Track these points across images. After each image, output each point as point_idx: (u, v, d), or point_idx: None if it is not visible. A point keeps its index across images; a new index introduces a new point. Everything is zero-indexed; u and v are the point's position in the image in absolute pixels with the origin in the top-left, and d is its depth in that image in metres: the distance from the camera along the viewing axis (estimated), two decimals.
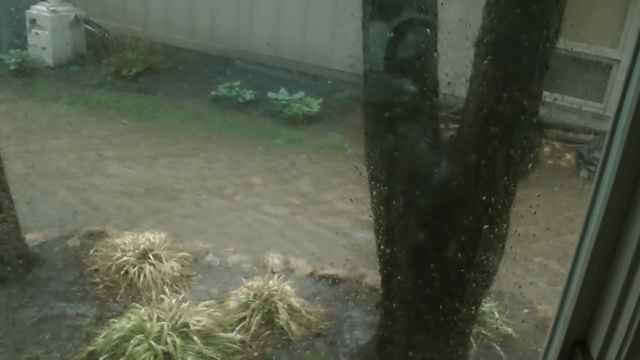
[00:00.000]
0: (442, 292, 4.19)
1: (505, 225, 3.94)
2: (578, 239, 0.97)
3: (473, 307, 4.29)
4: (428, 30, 3.99)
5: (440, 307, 4.22)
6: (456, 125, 3.91)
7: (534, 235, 5.64)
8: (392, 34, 3.98)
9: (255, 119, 9.21)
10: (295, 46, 10.64)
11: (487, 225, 3.81)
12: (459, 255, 3.95)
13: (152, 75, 10.51)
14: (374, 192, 4.31)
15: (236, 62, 10.96)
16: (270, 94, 9.40)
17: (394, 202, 4.21)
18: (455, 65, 3.84)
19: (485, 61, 3.44)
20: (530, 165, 3.82)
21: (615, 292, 0.88)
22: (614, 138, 0.90)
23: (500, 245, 4.01)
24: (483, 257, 3.92)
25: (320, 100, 9.25)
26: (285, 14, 10.59)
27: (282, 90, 9.40)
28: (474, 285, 4.09)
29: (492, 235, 3.86)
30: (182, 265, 5.72)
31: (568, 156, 8.93)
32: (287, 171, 7.98)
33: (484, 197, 3.76)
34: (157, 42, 10.91)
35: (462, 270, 4.01)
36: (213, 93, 9.61)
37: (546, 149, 8.56)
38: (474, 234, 3.88)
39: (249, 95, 9.55)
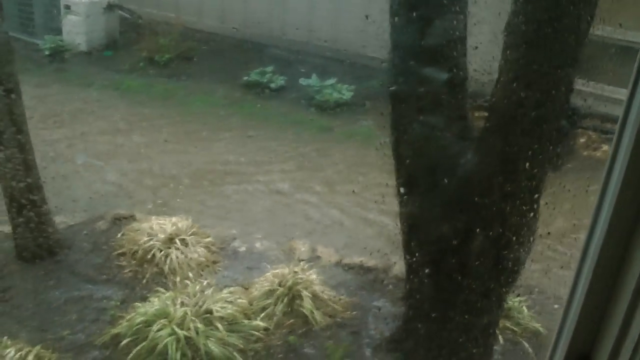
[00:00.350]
0: (466, 285, 4.10)
1: (533, 218, 3.83)
2: (582, 248, 0.92)
3: (499, 301, 4.19)
4: (458, 16, 3.89)
5: (465, 300, 4.13)
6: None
7: (566, 228, 5.50)
8: (420, 21, 3.89)
9: (286, 105, 9.16)
10: (328, 32, 10.54)
11: (514, 218, 3.70)
12: (485, 248, 3.85)
13: (184, 61, 10.51)
14: (399, 182, 4.23)
15: (269, 48, 10.90)
16: (302, 81, 9.33)
17: (418, 193, 4.13)
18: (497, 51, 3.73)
19: (514, 49, 3.33)
20: (563, 156, 3.70)
21: (622, 305, 0.83)
22: (622, 140, 0.84)
23: (528, 238, 3.90)
24: (509, 251, 3.82)
25: (352, 87, 9.15)
26: (319, 0, 10.50)
27: (314, 76, 9.33)
28: (500, 278, 3.99)
29: (519, 228, 3.76)
30: (208, 251, 5.72)
31: (604, 147, 8.69)
32: (317, 158, 7.91)
33: (511, 189, 3.65)
34: (190, 27, 10.91)
35: (487, 264, 3.92)
36: (245, 79, 9.58)
37: (581, 140, 8.34)
38: (500, 227, 3.78)
39: (280, 81, 9.49)
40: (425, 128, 4.03)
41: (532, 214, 3.75)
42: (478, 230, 3.87)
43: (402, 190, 4.25)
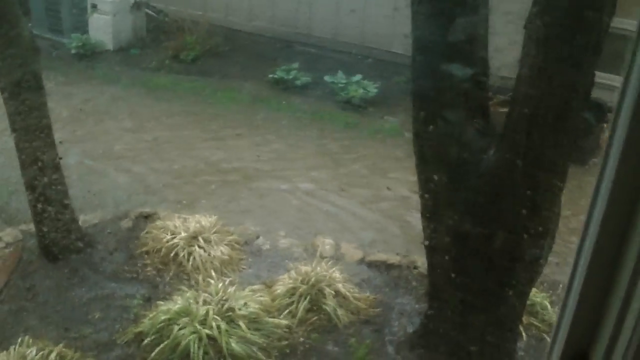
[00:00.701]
0: (488, 281, 4.04)
1: (555, 213, 3.76)
2: (578, 244, 0.90)
3: (521, 297, 4.12)
4: (479, 12, 3.84)
5: (487, 296, 4.07)
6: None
7: None
8: (440, 16, 3.84)
9: (312, 102, 9.11)
10: (355, 29, 10.47)
11: (537, 213, 3.63)
12: (506, 243, 3.79)
13: (210, 58, 10.52)
14: (422, 179, 4.18)
15: (295, 45, 10.87)
16: (327, 77, 9.27)
17: (440, 189, 4.09)
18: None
19: (535, 43, 3.26)
20: (589, 150, 3.62)
21: (617, 303, 0.82)
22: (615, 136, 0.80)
23: (551, 233, 3.83)
24: (531, 246, 3.75)
25: (378, 84, 9.07)
26: None
27: (340, 73, 9.26)
28: (522, 274, 3.93)
29: (540, 224, 3.69)
30: (232, 249, 5.71)
31: (607, 135, 8.52)
32: (342, 155, 7.86)
33: (532, 185, 3.59)
34: (216, 24, 10.91)
35: (509, 260, 3.86)
36: (270, 76, 9.55)
37: (607, 134, 8.18)
38: (521, 222, 3.72)
39: (306, 78, 9.45)
40: (446, 124, 3.99)
41: (554, 209, 3.68)
42: (500, 226, 3.81)
43: (423, 186, 4.21)
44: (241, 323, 4.62)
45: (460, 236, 4.06)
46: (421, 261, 5.59)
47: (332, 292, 5.12)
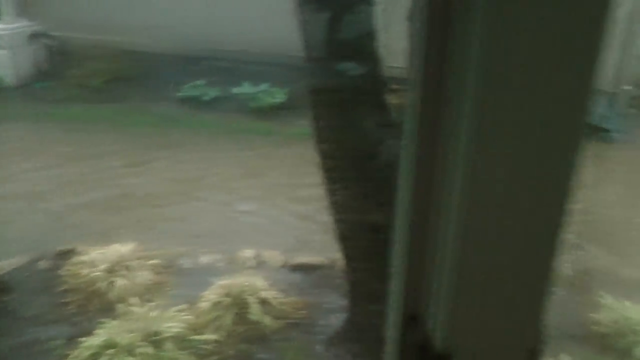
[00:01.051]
0: None
1: None
2: (396, 212, 0.98)
3: None
4: (366, 7, 3.95)
5: None
6: None
7: None
8: (327, 15, 3.94)
9: (222, 115, 9.18)
10: (260, 38, 10.55)
11: None
12: None
13: (119, 83, 10.45)
14: (326, 175, 4.30)
15: (202, 61, 10.88)
16: (235, 89, 9.35)
17: (342, 185, 4.21)
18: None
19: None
20: None
21: (436, 267, 0.90)
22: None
23: None
24: None
25: (285, 90, 9.20)
26: (245, 6, 10.51)
27: (245, 84, 9.35)
28: None
29: None
30: (154, 273, 5.72)
31: None
32: (257, 163, 7.96)
33: None
34: (122, 48, 10.83)
35: None
36: (179, 94, 9.56)
37: None
38: None
39: (215, 92, 9.50)
40: (343, 120, 4.11)
41: None
42: None
43: (327, 182, 4.33)
44: (168, 345, 4.66)
45: (368, 227, 4.19)
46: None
47: (257, 300, 5.20)
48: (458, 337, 0.91)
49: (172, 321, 4.90)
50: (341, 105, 4.12)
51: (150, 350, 4.57)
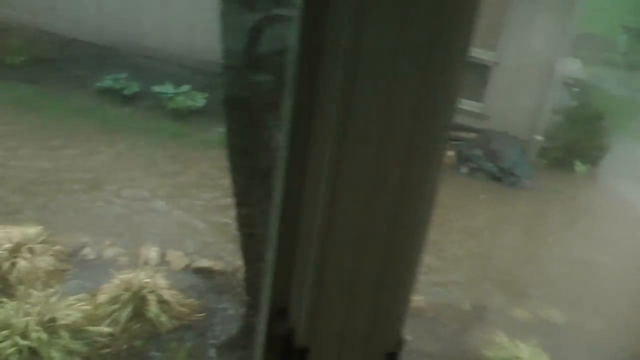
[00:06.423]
0: None
1: None
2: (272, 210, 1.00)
3: None
4: (286, 24, 4.15)
5: None
6: None
7: None
8: (249, 29, 4.10)
9: (139, 112, 9.21)
10: (186, 40, 10.62)
11: None
12: None
13: (38, 65, 10.23)
14: (235, 191, 4.51)
15: (125, 54, 10.82)
16: (156, 87, 9.39)
17: (252, 194, 4.40)
18: None
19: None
20: None
21: (305, 262, 0.94)
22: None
23: None
24: None
25: (206, 95, 9.32)
26: (173, 8, 10.58)
27: (167, 83, 9.42)
28: None
29: None
30: (57, 259, 5.75)
31: (450, 153, 9.41)
32: (170, 164, 8.07)
33: None
34: (45, 30, 10.63)
35: None
36: (98, 85, 9.50)
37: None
38: None
39: (135, 87, 9.50)
40: (253, 132, 4.28)
41: None
42: None
43: (235, 195, 4.51)
44: (63, 333, 4.74)
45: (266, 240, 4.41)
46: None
47: (155, 298, 5.34)
48: (318, 333, 0.97)
49: (70, 310, 4.97)
50: (253, 117, 4.27)
51: (44, 336, 4.63)
